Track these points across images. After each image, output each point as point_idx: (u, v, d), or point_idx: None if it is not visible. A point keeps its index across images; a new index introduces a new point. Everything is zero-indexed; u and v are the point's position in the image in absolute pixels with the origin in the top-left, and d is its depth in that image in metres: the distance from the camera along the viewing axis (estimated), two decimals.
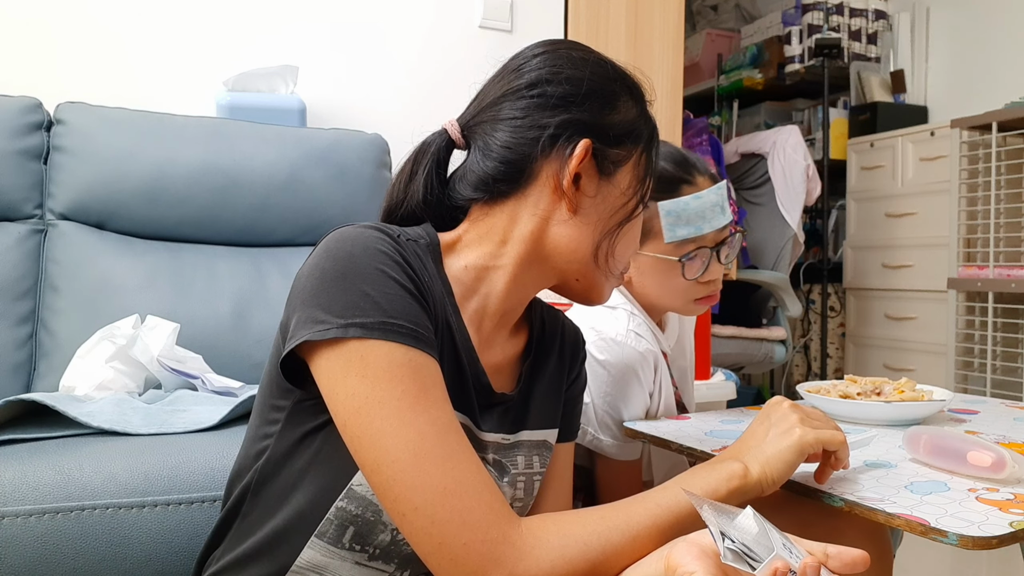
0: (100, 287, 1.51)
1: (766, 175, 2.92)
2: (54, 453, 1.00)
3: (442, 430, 0.62)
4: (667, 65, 2.37)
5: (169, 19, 1.92)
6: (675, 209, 1.09)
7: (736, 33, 3.94)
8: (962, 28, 3.11)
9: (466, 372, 0.73)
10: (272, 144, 1.70)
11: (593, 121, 0.74)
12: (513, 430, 0.80)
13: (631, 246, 0.80)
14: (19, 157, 1.54)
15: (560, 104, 0.74)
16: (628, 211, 0.77)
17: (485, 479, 0.63)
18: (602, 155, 0.75)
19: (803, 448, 0.73)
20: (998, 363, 2.45)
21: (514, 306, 0.79)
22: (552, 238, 0.75)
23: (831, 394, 1.16)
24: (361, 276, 0.63)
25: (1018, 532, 0.68)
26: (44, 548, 0.91)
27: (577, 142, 0.73)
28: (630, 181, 0.77)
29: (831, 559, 0.60)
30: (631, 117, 0.77)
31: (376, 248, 0.65)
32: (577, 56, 0.77)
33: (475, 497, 0.61)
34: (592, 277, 0.78)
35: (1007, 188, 2.47)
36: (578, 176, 0.74)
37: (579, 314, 1.19)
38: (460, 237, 0.77)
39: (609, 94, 0.76)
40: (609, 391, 1.12)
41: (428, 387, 0.63)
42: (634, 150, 0.77)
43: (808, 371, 3.46)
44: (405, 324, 0.63)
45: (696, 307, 1.17)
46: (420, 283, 0.67)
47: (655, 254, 1.12)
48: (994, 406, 1.27)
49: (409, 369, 0.62)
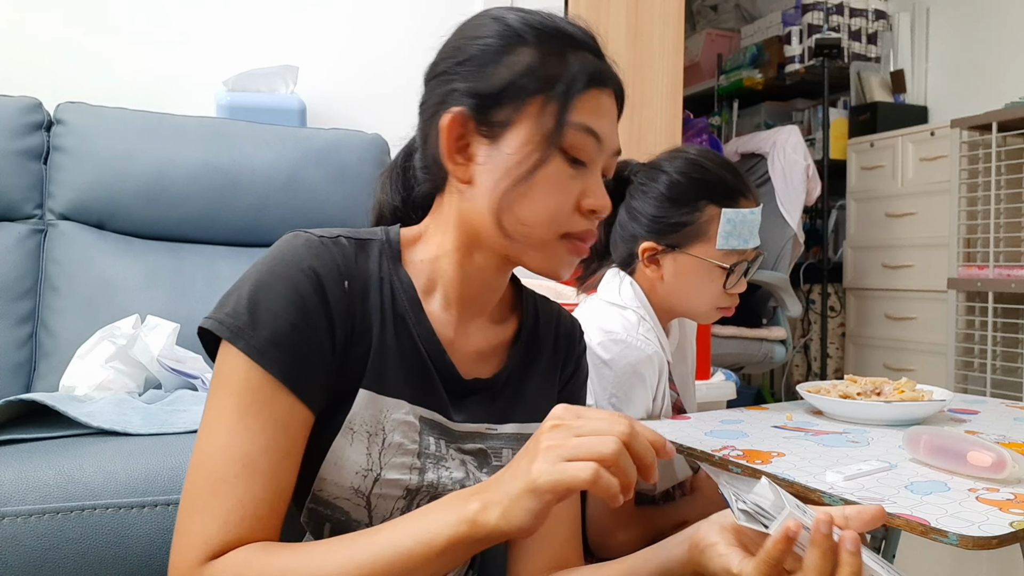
0: (100, 287, 1.51)
1: (766, 175, 2.92)
2: (54, 453, 1.00)
3: (233, 456, 0.62)
4: (667, 65, 2.37)
5: (169, 19, 1.92)
6: (735, 219, 1.13)
7: (736, 33, 3.94)
8: (962, 28, 3.11)
9: (428, 363, 0.73)
10: (272, 144, 1.70)
11: (468, 87, 0.70)
12: (498, 420, 0.78)
13: (548, 205, 0.70)
14: (19, 157, 1.54)
15: (442, 77, 0.73)
16: (525, 170, 0.69)
17: (238, 513, 0.61)
18: (483, 119, 0.70)
19: (537, 493, 0.56)
20: (998, 363, 2.45)
21: (480, 291, 0.77)
22: (466, 216, 0.73)
23: (831, 394, 1.16)
24: (265, 287, 0.65)
25: (1018, 532, 0.68)
26: (44, 548, 0.91)
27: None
28: (525, 137, 0.69)
29: (850, 520, 0.61)
30: (520, 69, 0.69)
31: (294, 263, 0.67)
32: (475, 22, 0.74)
33: (203, 523, 0.61)
34: (513, 250, 0.72)
35: (1007, 188, 2.47)
36: (467, 146, 0.71)
37: (588, 313, 1.19)
38: (421, 232, 0.78)
39: (494, 51, 0.70)
40: (614, 392, 1.12)
41: (254, 411, 0.63)
42: (525, 104, 0.69)
43: (808, 371, 3.46)
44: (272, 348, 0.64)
45: (715, 315, 1.20)
46: (333, 297, 0.67)
47: (707, 258, 1.14)
48: (994, 406, 1.27)
49: (247, 386, 0.63)
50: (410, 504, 0.71)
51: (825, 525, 0.53)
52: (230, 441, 0.62)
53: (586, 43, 0.73)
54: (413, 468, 0.71)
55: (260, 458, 0.62)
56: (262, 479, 0.62)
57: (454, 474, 0.73)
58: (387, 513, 0.70)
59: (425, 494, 0.71)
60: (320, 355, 0.66)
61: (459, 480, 0.73)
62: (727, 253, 1.14)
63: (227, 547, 0.60)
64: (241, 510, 0.61)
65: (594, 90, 0.71)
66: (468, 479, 0.74)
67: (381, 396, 0.70)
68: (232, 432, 0.62)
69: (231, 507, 0.61)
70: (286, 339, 0.64)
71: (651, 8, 2.33)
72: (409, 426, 0.71)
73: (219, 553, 0.60)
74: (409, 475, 0.70)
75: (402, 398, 0.71)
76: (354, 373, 0.69)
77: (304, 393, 0.65)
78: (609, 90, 0.73)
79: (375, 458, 0.69)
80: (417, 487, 0.71)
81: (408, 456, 0.71)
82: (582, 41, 0.73)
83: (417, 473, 0.71)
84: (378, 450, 0.69)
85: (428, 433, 0.72)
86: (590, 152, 0.71)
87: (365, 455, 0.69)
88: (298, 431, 0.65)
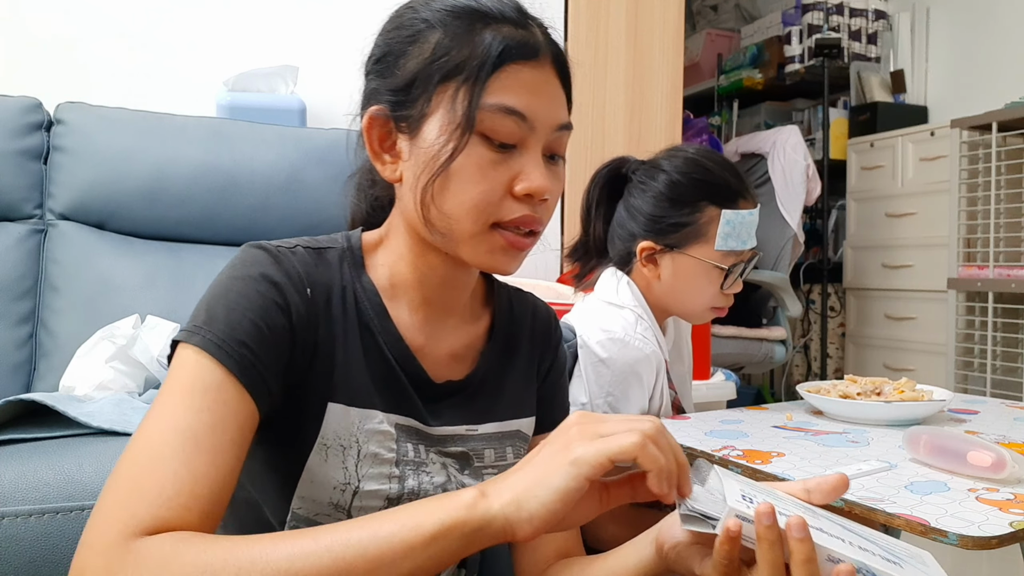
0: (100, 287, 1.51)
1: (766, 175, 2.92)
2: (54, 453, 1.00)
3: (174, 430, 0.56)
4: (667, 65, 2.37)
5: (169, 19, 1.92)
6: (735, 220, 1.14)
7: (736, 33, 3.94)
8: (962, 28, 3.11)
9: (396, 370, 0.71)
10: (272, 144, 1.70)
11: (384, 83, 0.69)
12: (477, 420, 0.76)
13: (470, 194, 0.66)
14: (19, 157, 1.54)
15: (367, 78, 0.71)
16: (443, 160, 0.65)
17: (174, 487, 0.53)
18: (401, 115, 0.68)
19: (577, 469, 0.52)
20: (998, 363, 2.45)
21: (443, 292, 0.74)
22: (406, 215, 0.71)
23: (831, 394, 1.16)
24: (222, 293, 0.63)
25: (1018, 532, 0.68)
26: (44, 548, 0.91)
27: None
28: (441, 127, 0.65)
29: (812, 493, 0.60)
30: (427, 56, 0.66)
31: (252, 271, 0.65)
32: (393, 15, 0.71)
33: (129, 496, 0.53)
34: (446, 245, 0.69)
35: (1007, 188, 2.47)
36: (394, 144, 0.69)
37: (586, 312, 1.19)
38: (383, 236, 0.75)
39: (404, 42, 0.68)
40: (611, 390, 1.12)
41: (200, 390, 0.58)
42: (435, 92, 0.66)
43: (808, 371, 3.46)
44: (226, 342, 0.60)
45: (709, 315, 1.20)
46: (294, 304, 0.65)
47: (705, 259, 1.14)
48: (994, 406, 1.27)
49: (195, 372, 0.59)
50: None
51: (766, 517, 0.50)
52: (171, 417, 0.56)
53: (502, 15, 0.67)
54: (392, 477, 0.69)
55: (203, 434, 0.56)
56: (204, 457, 0.55)
57: (435, 479, 0.72)
58: None
59: (407, 501, 0.69)
60: (277, 357, 0.63)
61: (441, 484, 0.72)
62: (725, 254, 1.15)
63: (154, 524, 0.52)
64: (177, 484, 0.53)
65: (513, 64, 0.65)
66: (450, 483, 0.72)
67: (351, 408, 0.68)
68: (174, 410, 0.57)
69: (165, 481, 0.53)
70: (241, 335, 0.61)
71: (651, 8, 2.34)
72: (384, 435, 0.69)
73: (144, 531, 0.51)
74: (388, 484, 0.69)
75: (374, 408, 0.69)
76: (322, 388, 0.67)
77: (254, 390, 0.60)
78: (535, 61, 0.66)
79: (352, 471, 0.67)
80: (398, 495, 0.69)
81: (386, 465, 0.69)
82: (497, 13, 0.67)
83: (397, 481, 0.69)
84: (354, 462, 0.67)
85: (406, 440, 0.71)
86: (515, 133, 0.66)
87: (341, 469, 0.67)
88: (245, 424, 0.59)
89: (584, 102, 2.22)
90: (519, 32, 0.67)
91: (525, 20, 0.68)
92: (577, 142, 2.19)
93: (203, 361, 0.59)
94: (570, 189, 2.20)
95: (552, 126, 0.68)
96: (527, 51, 0.66)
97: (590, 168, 1.28)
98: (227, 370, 0.59)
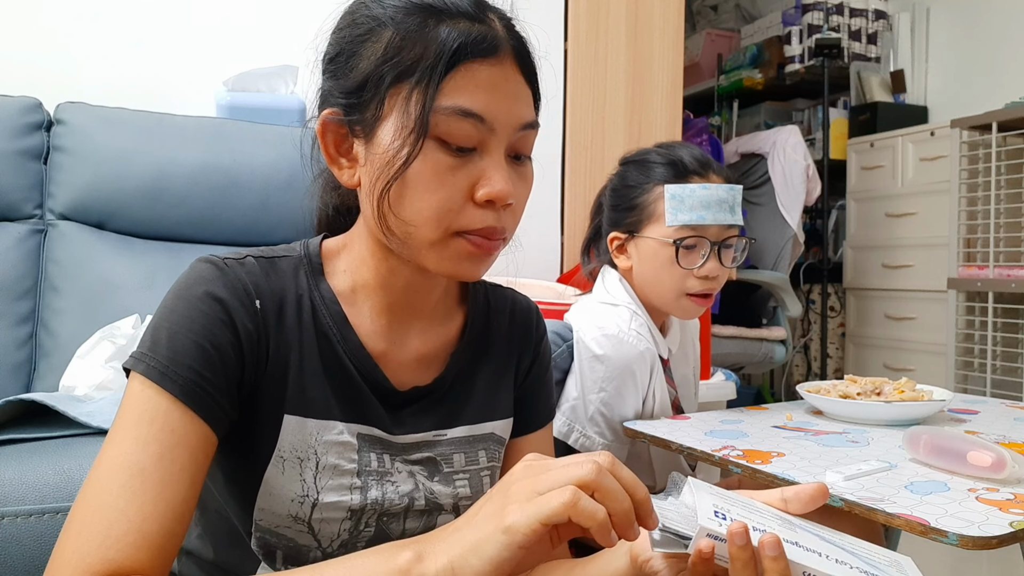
0: (100, 287, 1.51)
1: (766, 175, 2.92)
2: (54, 453, 1.00)
3: (120, 466, 0.56)
4: (667, 65, 2.37)
5: (169, 19, 1.92)
6: (680, 194, 1.11)
7: (736, 33, 3.94)
8: (962, 28, 3.11)
9: (357, 379, 0.69)
10: (272, 144, 1.70)
11: (336, 85, 0.66)
12: (445, 425, 0.74)
13: (429, 201, 0.62)
14: (19, 157, 1.54)
15: (322, 78, 0.69)
16: (397, 167, 0.62)
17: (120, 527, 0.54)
18: (355, 118, 0.65)
19: (509, 535, 0.48)
20: (998, 363, 2.45)
21: (406, 296, 0.72)
22: (366, 220, 0.69)
23: (831, 394, 1.17)
24: (167, 314, 0.62)
25: (1018, 532, 0.68)
26: (44, 548, 0.91)
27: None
28: (395, 131, 0.62)
29: (790, 503, 0.59)
30: (379, 56, 0.63)
31: (196, 288, 0.63)
32: (346, 12, 0.68)
33: (79, 539, 0.53)
34: (407, 253, 0.66)
35: (1007, 188, 2.47)
36: (350, 148, 0.67)
37: (582, 311, 1.19)
38: (346, 242, 0.73)
39: (354, 41, 0.65)
40: (604, 386, 1.12)
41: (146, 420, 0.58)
42: (387, 95, 0.62)
43: (808, 371, 3.46)
44: (171, 368, 0.60)
45: (689, 304, 1.16)
46: (239, 319, 0.63)
47: (658, 237, 1.13)
48: (994, 406, 1.27)
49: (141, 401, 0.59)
50: (356, 524, 0.68)
51: (739, 537, 0.49)
52: (119, 453, 0.56)
53: (457, 9, 0.63)
54: (353, 488, 0.67)
55: (150, 467, 0.56)
56: (152, 491, 0.55)
57: (400, 488, 0.70)
58: (334, 535, 0.67)
59: (372, 511, 0.68)
60: (225, 375, 0.62)
61: (407, 493, 0.70)
62: (677, 229, 1.12)
63: (108, 567, 0.52)
64: (125, 523, 0.54)
65: (469, 63, 0.61)
66: (417, 490, 0.71)
67: (308, 419, 0.66)
68: (121, 444, 0.57)
69: (113, 520, 0.54)
70: (185, 358, 0.60)
71: (651, 8, 2.34)
72: (344, 446, 0.67)
73: (101, 575, 0.52)
74: (350, 496, 0.67)
75: (332, 418, 0.67)
76: (276, 400, 0.66)
77: (205, 412, 0.60)
78: (493, 58, 0.62)
79: (310, 483, 0.66)
80: (361, 506, 0.67)
81: (346, 476, 0.67)
82: (452, 8, 0.63)
83: (359, 492, 0.67)
84: (312, 474, 0.66)
85: (368, 449, 0.69)
86: (473, 136, 0.62)
87: (299, 481, 0.65)
88: (197, 448, 0.59)
89: (584, 102, 2.22)
90: (475, 27, 0.62)
91: (483, 13, 0.64)
92: (577, 142, 2.19)
93: (147, 391, 0.59)
94: (570, 190, 2.20)
95: (514, 126, 0.64)
96: (484, 48, 0.62)
97: (590, 168, 1.29)
98: (172, 397, 0.59)
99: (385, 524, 0.69)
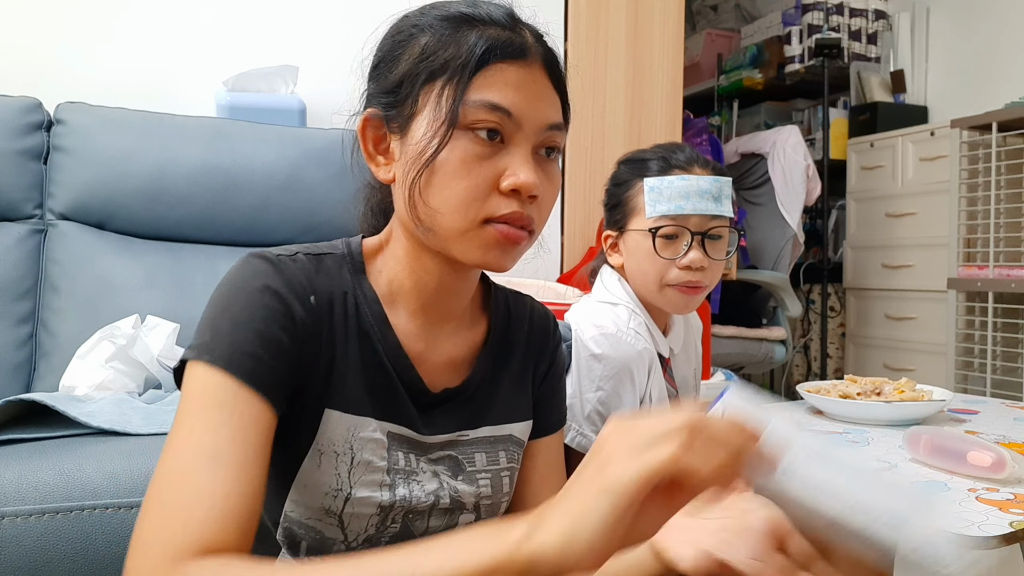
0: (100, 287, 1.51)
1: (766, 175, 2.92)
2: (54, 453, 1.00)
3: (195, 448, 0.57)
4: (667, 65, 2.37)
5: (169, 19, 1.92)
6: (658, 186, 1.12)
7: (736, 33, 3.94)
8: (962, 28, 3.11)
9: (393, 378, 0.71)
10: (272, 144, 1.70)
11: (376, 87, 0.71)
12: (470, 426, 0.76)
13: (456, 189, 0.66)
14: (19, 157, 1.54)
15: (366, 86, 0.74)
16: (429, 155, 0.65)
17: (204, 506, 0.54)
18: (392, 116, 0.69)
19: (615, 495, 0.45)
20: (998, 363, 2.45)
21: (440, 297, 0.74)
22: (400, 217, 0.71)
23: (831, 394, 1.17)
24: (224, 308, 0.64)
25: (1018, 532, 0.68)
26: (44, 548, 0.91)
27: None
28: (428, 123, 0.66)
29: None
30: (415, 58, 0.68)
31: (252, 283, 0.65)
32: (390, 26, 0.73)
33: (163, 520, 0.54)
34: (437, 243, 0.68)
35: (1007, 188, 2.47)
36: (388, 147, 0.71)
37: (582, 311, 1.19)
38: (384, 241, 0.75)
39: (395, 48, 0.70)
40: (602, 386, 1.12)
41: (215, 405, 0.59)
42: (422, 91, 0.67)
43: (808, 371, 3.46)
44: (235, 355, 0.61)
45: (675, 295, 1.14)
46: (297, 313, 0.65)
47: (635, 229, 1.15)
48: (994, 406, 1.27)
49: (208, 388, 0.60)
50: (384, 520, 0.70)
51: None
52: (191, 437, 0.57)
53: (490, 18, 0.68)
54: (384, 485, 0.69)
55: (225, 449, 0.57)
56: (230, 471, 0.56)
57: (426, 487, 0.71)
58: (361, 530, 0.69)
59: (400, 508, 0.70)
60: (285, 365, 0.63)
61: (433, 491, 0.72)
62: (656, 221, 1.13)
63: (193, 546, 0.52)
64: (208, 503, 0.54)
65: (499, 63, 0.66)
66: (442, 489, 0.72)
67: (347, 415, 0.68)
68: (193, 429, 0.58)
69: (194, 500, 0.54)
70: (248, 346, 0.61)
71: (651, 8, 2.34)
72: (377, 443, 0.69)
73: (185, 554, 0.52)
74: (380, 492, 0.69)
75: (368, 415, 0.69)
76: (320, 394, 0.67)
77: (268, 393, 0.61)
78: (522, 61, 0.67)
79: (344, 477, 0.67)
80: (390, 503, 0.69)
81: (378, 473, 0.69)
82: (484, 17, 0.68)
83: (388, 490, 0.69)
84: (347, 469, 0.68)
85: (397, 448, 0.71)
86: (502, 128, 0.66)
87: (334, 475, 0.67)
88: (264, 431, 0.60)
89: (584, 102, 2.22)
90: (506, 33, 0.67)
91: (515, 24, 0.69)
92: (577, 142, 2.19)
93: (214, 377, 0.60)
94: (570, 190, 2.20)
95: (541, 125, 0.67)
96: (513, 51, 0.66)
97: (590, 168, 1.29)
98: (240, 381, 0.60)
99: (410, 521, 0.71)
